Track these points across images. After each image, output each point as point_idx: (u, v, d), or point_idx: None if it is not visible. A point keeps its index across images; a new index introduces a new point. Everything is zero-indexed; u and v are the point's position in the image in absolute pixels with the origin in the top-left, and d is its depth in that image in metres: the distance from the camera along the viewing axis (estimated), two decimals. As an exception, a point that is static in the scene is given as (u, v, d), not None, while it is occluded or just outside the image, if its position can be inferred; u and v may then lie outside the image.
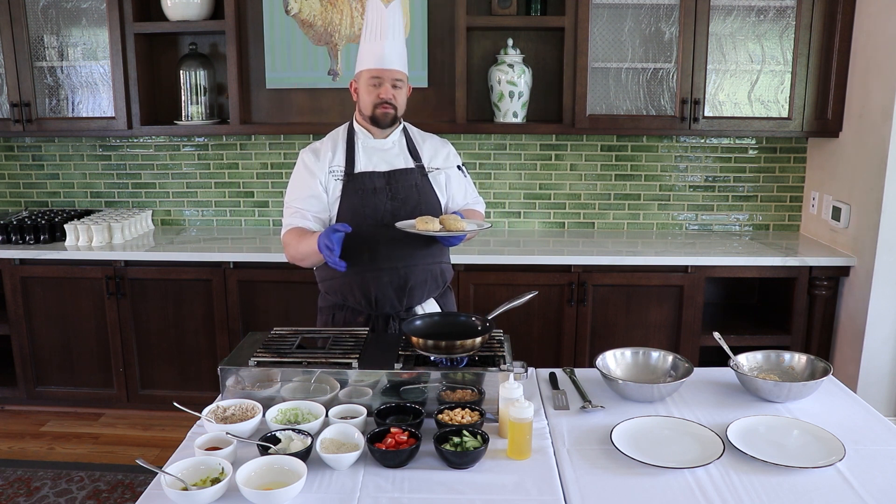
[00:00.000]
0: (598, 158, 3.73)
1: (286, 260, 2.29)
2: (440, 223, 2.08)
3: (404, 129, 2.35)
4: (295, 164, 2.21)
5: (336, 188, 2.24)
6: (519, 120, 3.45)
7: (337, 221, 2.24)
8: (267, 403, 1.80)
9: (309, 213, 2.24)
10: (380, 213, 2.22)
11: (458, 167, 2.40)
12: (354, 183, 2.23)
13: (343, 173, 2.25)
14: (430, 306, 2.35)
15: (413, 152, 2.33)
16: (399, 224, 2.12)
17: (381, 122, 2.23)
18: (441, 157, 2.36)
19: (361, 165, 2.26)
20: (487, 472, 1.60)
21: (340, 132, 2.33)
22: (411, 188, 2.27)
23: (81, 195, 3.93)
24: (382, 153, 2.29)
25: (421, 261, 2.28)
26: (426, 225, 2.05)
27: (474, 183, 2.65)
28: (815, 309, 3.28)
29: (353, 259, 2.22)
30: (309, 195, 2.24)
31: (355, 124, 2.31)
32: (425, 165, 2.33)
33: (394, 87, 2.20)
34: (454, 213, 2.21)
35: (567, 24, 3.29)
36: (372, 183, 2.24)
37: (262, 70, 3.62)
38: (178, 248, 3.42)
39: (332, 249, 1.98)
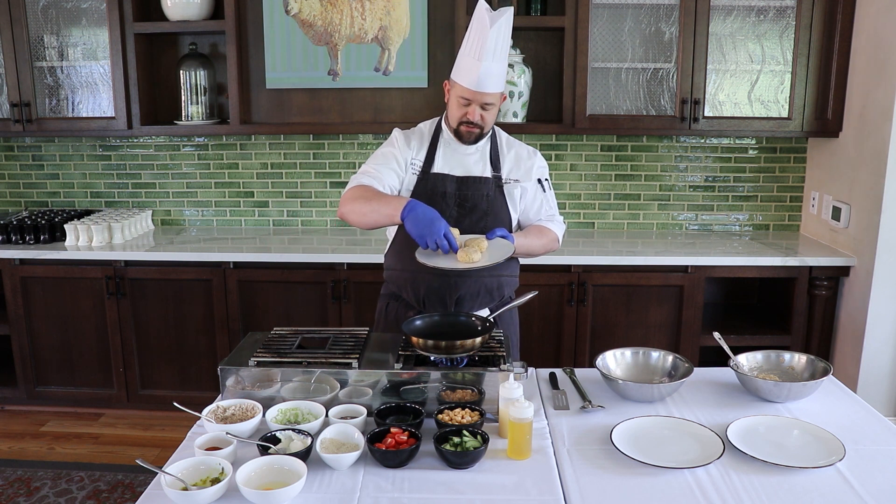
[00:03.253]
0: (598, 158, 3.73)
1: (339, 214, 2.13)
2: (462, 248, 1.98)
3: (492, 136, 2.28)
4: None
5: (410, 182, 2.22)
6: (519, 120, 3.45)
7: None
8: (267, 403, 1.80)
9: (385, 182, 2.18)
10: (444, 217, 2.09)
11: (539, 181, 2.29)
12: (427, 182, 2.20)
13: (420, 170, 2.22)
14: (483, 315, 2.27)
15: (494, 161, 2.26)
16: (417, 253, 2.01)
17: (464, 139, 2.20)
18: (522, 168, 2.27)
19: (438, 166, 2.23)
20: (487, 472, 1.60)
21: (428, 127, 2.29)
22: (482, 198, 2.21)
23: (81, 195, 3.93)
24: (462, 157, 2.24)
25: (475, 273, 2.20)
26: (465, 252, 1.97)
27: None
28: (815, 309, 3.28)
29: (410, 256, 2.16)
30: (389, 167, 2.19)
31: (443, 123, 2.26)
32: (503, 176, 2.25)
33: (483, 108, 2.13)
34: (496, 231, 2.07)
35: (567, 24, 3.29)
36: (443, 186, 2.20)
37: (262, 70, 3.62)
38: (178, 248, 3.42)
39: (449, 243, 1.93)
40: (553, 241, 2.31)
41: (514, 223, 2.30)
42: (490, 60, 2.07)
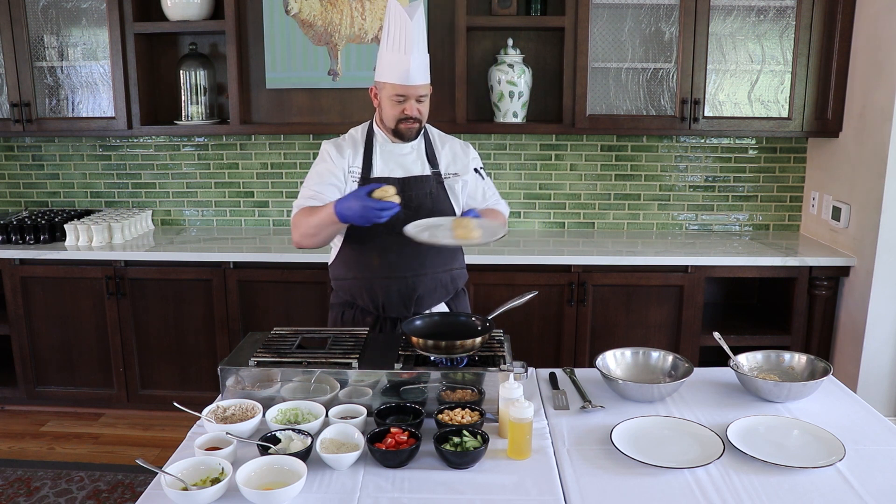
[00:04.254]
0: (598, 158, 3.73)
1: (294, 244, 2.20)
2: (453, 227, 2.00)
3: (424, 133, 2.30)
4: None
5: (351, 189, 2.20)
6: (519, 120, 3.45)
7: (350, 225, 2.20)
8: (267, 403, 1.80)
9: (327, 199, 2.18)
10: (391, 220, 2.14)
11: (476, 170, 2.33)
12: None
13: (360, 176, 2.22)
14: (441, 310, 2.33)
15: (431, 157, 2.28)
16: (409, 229, 2.02)
17: (405, 136, 2.21)
18: (460, 162, 2.30)
19: (377, 170, 2.23)
20: (487, 472, 1.60)
21: (360, 132, 2.29)
22: (425, 196, 2.23)
23: (81, 195, 3.93)
24: (400, 158, 2.25)
25: (430, 269, 2.25)
26: (463, 228, 1.98)
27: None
28: (815, 309, 3.28)
29: (362, 265, 2.22)
30: (329, 183, 2.21)
31: (375, 127, 2.26)
32: (442, 172, 2.27)
33: (418, 101, 2.16)
34: (470, 213, 2.11)
35: (567, 24, 3.29)
36: None
37: (262, 70, 3.62)
38: (178, 248, 3.42)
39: (382, 209, 1.96)
40: (504, 222, 2.36)
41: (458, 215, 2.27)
42: (417, 53, 2.10)
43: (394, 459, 1.60)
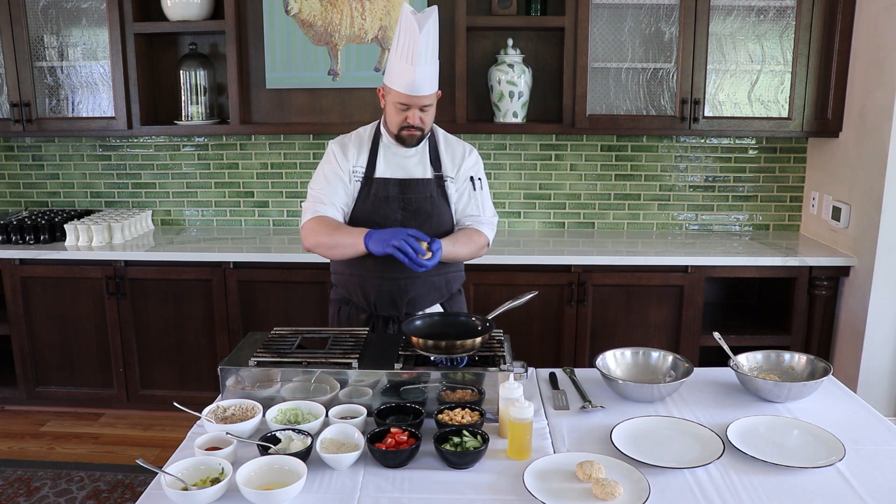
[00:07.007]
0: (598, 158, 3.73)
1: (305, 248, 2.22)
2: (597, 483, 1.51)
3: (431, 135, 2.31)
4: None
5: (355, 189, 2.25)
6: (519, 120, 3.45)
7: (349, 224, 2.24)
8: (267, 403, 1.80)
9: (338, 203, 2.23)
10: (389, 221, 2.22)
11: (472, 179, 2.32)
12: (370, 187, 2.24)
13: (363, 175, 2.25)
14: (435, 310, 2.34)
15: (434, 160, 2.29)
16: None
17: (406, 143, 2.22)
18: (457, 166, 2.30)
19: (380, 170, 2.25)
20: (487, 472, 1.60)
21: (368, 132, 2.31)
22: (424, 200, 2.25)
23: (81, 195, 3.93)
24: (403, 160, 2.27)
25: (423, 273, 2.23)
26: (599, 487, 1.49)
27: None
28: (815, 309, 3.28)
29: (357, 262, 2.23)
30: (334, 186, 2.24)
31: (382, 128, 2.29)
32: (444, 175, 2.29)
33: (422, 110, 2.17)
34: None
35: (567, 24, 3.29)
36: (385, 191, 2.23)
37: (262, 70, 3.62)
38: (178, 248, 3.42)
39: (415, 251, 1.99)
40: (482, 248, 2.32)
41: (456, 222, 2.33)
42: (423, 64, 2.08)
43: (394, 459, 1.60)
